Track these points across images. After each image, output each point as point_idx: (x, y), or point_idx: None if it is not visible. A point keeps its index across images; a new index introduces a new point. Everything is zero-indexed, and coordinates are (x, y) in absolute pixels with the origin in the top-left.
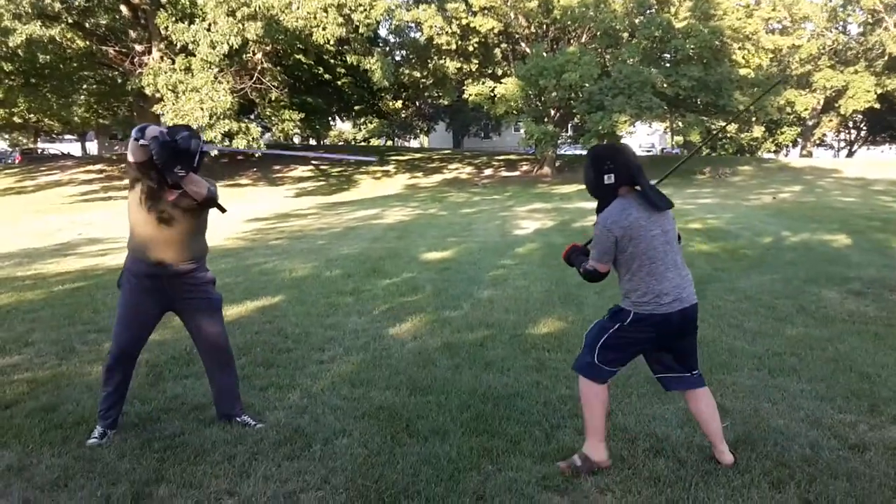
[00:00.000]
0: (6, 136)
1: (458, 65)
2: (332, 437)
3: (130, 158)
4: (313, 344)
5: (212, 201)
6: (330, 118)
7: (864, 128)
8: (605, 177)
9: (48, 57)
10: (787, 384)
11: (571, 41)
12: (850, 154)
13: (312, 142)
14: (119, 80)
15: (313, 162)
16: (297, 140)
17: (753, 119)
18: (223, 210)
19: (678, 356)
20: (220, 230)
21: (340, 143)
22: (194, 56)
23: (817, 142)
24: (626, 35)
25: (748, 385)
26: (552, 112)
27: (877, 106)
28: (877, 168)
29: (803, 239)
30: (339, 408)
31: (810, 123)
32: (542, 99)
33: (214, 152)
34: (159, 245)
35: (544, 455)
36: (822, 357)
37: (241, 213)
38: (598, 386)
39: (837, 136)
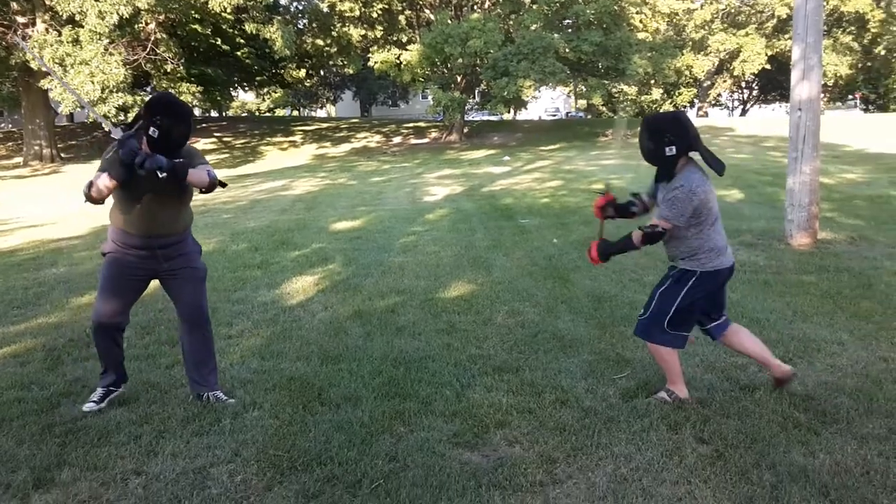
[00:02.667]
0: None
1: (363, 32)
2: (241, 411)
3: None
4: (220, 319)
5: (214, 185)
6: (231, 89)
7: (756, 88)
8: (667, 149)
9: None
10: None
11: (475, 7)
12: (744, 113)
13: (214, 114)
14: (2, 55)
15: (216, 134)
16: (197, 112)
17: (652, 82)
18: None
19: (720, 304)
20: None
21: (244, 115)
22: (82, 27)
23: (712, 102)
24: (527, 1)
25: None
26: (458, 79)
27: (768, 67)
28: (768, 125)
29: None
30: (248, 381)
31: (706, 85)
32: (449, 66)
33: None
34: (150, 221)
35: (455, 413)
36: None
37: None
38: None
39: (731, 95)
